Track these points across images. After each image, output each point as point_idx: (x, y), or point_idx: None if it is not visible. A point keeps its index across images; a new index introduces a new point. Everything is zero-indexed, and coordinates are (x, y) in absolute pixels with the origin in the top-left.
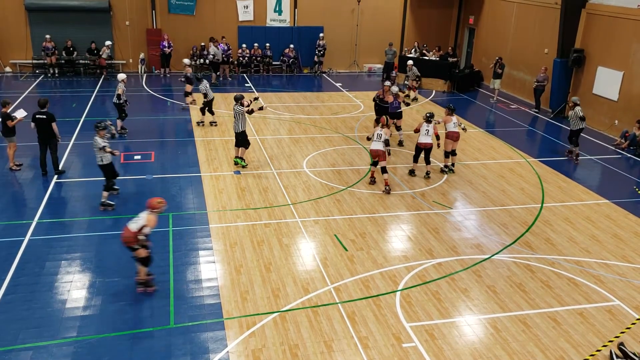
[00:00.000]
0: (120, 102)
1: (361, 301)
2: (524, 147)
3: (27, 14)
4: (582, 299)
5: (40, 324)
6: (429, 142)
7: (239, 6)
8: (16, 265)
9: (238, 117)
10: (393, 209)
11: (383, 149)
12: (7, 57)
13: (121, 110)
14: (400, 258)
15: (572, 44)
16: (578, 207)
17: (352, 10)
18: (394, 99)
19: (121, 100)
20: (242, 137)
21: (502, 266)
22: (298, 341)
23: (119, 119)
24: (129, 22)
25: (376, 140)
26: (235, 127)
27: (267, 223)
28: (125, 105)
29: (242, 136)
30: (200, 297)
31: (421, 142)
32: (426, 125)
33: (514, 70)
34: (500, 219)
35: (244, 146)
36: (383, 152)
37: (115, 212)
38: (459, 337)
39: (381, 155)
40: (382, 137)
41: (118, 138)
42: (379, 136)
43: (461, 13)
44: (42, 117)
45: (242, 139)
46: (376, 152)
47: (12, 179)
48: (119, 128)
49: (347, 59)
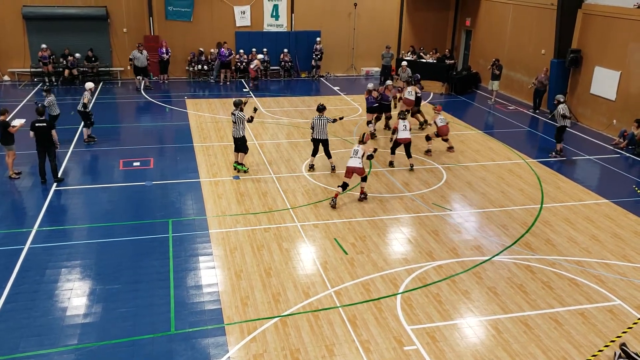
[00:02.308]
0: (86, 110)
1: (362, 305)
2: (523, 148)
3: (25, 22)
4: (583, 299)
5: (41, 332)
6: (407, 137)
7: (236, 12)
8: (16, 274)
9: (238, 122)
10: (393, 212)
11: (360, 166)
12: (5, 66)
13: (87, 118)
14: (401, 261)
15: (569, 44)
16: (577, 207)
17: (349, 14)
18: (369, 94)
19: (87, 109)
20: (242, 142)
21: (503, 267)
22: (299, 346)
23: (85, 127)
24: (126, 29)
25: (352, 156)
26: (235, 132)
27: (267, 228)
28: (91, 114)
29: (242, 141)
30: (200, 302)
31: (400, 138)
32: (402, 122)
33: (511, 72)
34: (500, 220)
35: (243, 151)
36: (360, 168)
37: (114, 219)
38: (461, 339)
39: (357, 171)
40: (359, 154)
41: (86, 146)
42: (355, 152)
43: (458, 15)
44: (42, 125)
45: (241, 144)
46: (352, 170)
47: (11, 187)
48: (85, 137)
49: (345, 62)
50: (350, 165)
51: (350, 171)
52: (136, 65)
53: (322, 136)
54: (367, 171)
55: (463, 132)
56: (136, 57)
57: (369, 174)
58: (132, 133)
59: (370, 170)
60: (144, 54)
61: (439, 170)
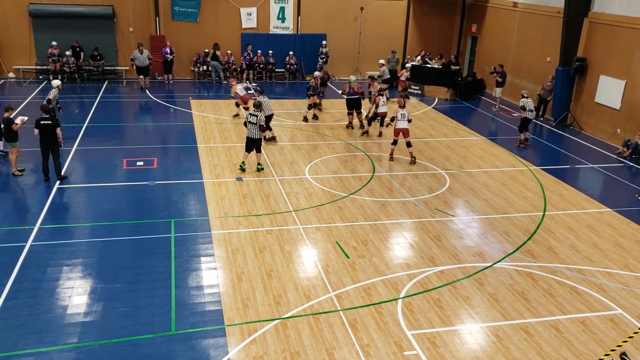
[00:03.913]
0: (50, 107)
1: (363, 308)
2: (526, 155)
3: (31, 19)
4: (584, 308)
5: (41, 329)
6: (405, 126)
7: (243, 13)
8: (18, 271)
9: (258, 123)
10: (395, 217)
11: (407, 127)
12: (10, 63)
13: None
14: (402, 266)
15: (574, 52)
16: (580, 216)
17: (355, 18)
18: (349, 87)
19: (51, 105)
20: (259, 142)
21: (504, 274)
22: (299, 348)
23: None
24: (132, 28)
25: (400, 119)
26: (254, 133)
27: (269, 230)
28: (60, 111)
29: (260, 142)
30: (201, 303)
31: (399, 128)
32: (401, 110)
33: (516, 79)
34: (502, 226)
35: (259, 151)
36: (407, 129)
37: (117, 218)
38: (461, 345)
39: (404, 132)
40: (406, 117)
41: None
42: (402, 115)
43: (464, 21)
44: (47, 123)
45: (258, 144)
46: (400, 130)
47: (14, 185)
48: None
49: (350, 66)
50: (399, 127)
51: (399, 132)
52: (137, 65)
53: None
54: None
55: (467, 138)
56: (136, 57)
57: (372, 178)
58: (136, 132)
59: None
60: (144, 54)
61: (442, 175)
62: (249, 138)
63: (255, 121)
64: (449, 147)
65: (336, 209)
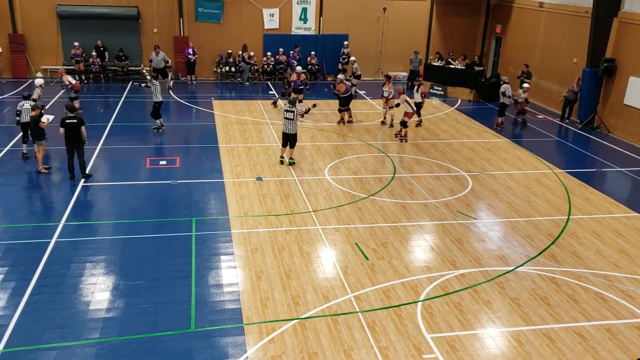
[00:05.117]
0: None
1: (382, 311)
2: (551, 158)
3: (59, 21)
4: (610, 315)
5: (64, 324)
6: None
7: (265, 14)
8: (43, 266)
9: (295, 119)
10: (416, 219)
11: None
12: (38, 63)
13: None
14: (423, 268)
15: (602, 53)
16: (606, 220)
17: (378, 18)
18: (297, 78)
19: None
20: (294, 138)
21: (527, 279)
22: (317, 349)
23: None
24: (156, 29)
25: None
26: (291, 128)
27: (288, 230)
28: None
29: (295, 137)
30: (221, 301)
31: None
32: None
33: (541, 80)
34: (525, 230)
35: (292, 146)
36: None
37: (140, 216)
38: (481, 349)
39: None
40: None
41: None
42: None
43: (488, 21)
44: (73, 122)
45: (293, 139)
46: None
47: (40, 182)
48: None
49: (372, 66)
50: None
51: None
52: (153, 66)
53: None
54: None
55: (490, 140)
56: (152, 59)
57: (393, 179)
58: (159, 132)
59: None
60: (160, 56)
61: (464, 177)
62: (284, 133)
63: (292, 117)
64: (472, 148)
65: (356, 210)
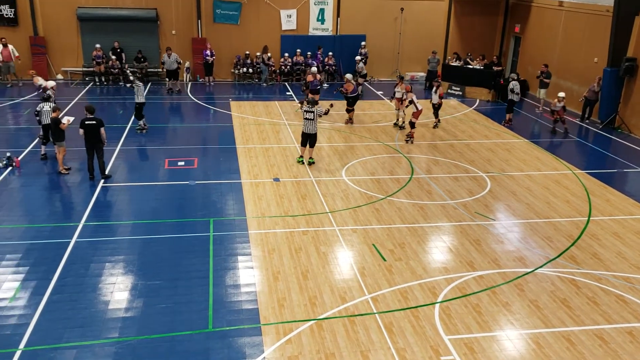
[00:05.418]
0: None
1: (399, 312)
2: (571, 159)
3: (79, 23)
4: (631, 317)
5: (84, 323)
6: (436, 101)
7: (282, 15)
8: (63, 266)
9: (315, 119)
10: (434, 220)
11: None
12: (59, 65)
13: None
14: (440, 270)
15: (624, 52)
16: (628, 222)
17: (395, 19)
18: (313, 78)
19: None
20: (315, 137)
21: (546, 280)
22: (334, 350)
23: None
24: (175, 31)
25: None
26: (311, 128)
27: (305, 230)
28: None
29: (315, 137)
30: (238, 302)
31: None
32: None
33: (561, 80)
34: (544, 231)
35: (312, 146)
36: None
37: (158, 217)
38: (499, 351)
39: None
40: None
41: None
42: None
43: (507, 21)
44: (92, 123)
45: (313, 139)
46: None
47: (61, 183)
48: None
49: (389, 67)
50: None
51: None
52: (165, 68)
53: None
54: None
55: (509, 141)
56: (165, 61)
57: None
58: (177, 133)
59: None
60: (172, 58)
61: (483, 178)
62: (304, 133)
63: (312, 117)
64: (490, 149)
65: (373, 211)
